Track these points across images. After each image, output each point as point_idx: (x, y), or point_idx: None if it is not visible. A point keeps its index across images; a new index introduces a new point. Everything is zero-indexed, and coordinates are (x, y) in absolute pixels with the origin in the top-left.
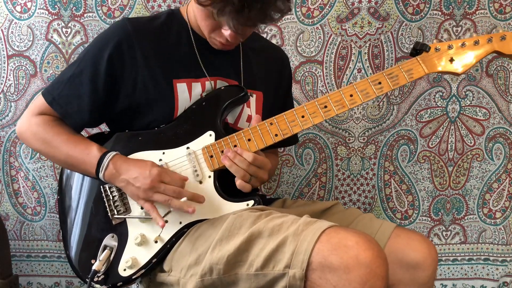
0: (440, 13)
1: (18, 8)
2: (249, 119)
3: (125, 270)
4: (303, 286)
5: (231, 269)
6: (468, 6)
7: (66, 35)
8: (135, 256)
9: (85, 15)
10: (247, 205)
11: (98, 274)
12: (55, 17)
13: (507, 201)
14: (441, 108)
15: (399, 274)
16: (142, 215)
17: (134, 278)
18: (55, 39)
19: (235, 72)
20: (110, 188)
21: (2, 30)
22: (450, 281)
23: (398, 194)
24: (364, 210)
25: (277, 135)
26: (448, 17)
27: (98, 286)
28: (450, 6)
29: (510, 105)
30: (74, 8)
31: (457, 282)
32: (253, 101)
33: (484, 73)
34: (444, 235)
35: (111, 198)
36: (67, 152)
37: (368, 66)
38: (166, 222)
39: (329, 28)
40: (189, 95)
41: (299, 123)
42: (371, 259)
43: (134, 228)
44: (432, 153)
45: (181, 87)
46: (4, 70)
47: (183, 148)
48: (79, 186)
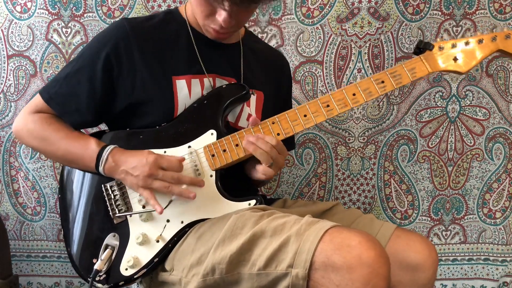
0: (440, 13)
1: (18, 8)
2: (249, 118)
3: (126, 269)
4: (306, 286)
5: (234, 268)
6: (468, 6)
7: (66, 35)
8: (137, 255)
9: (85, 15)
10: (249, 204)
11: (100, 274)
12: (55, 17)
13: (507, 201)
14: (441, 108)
15: (399, 275)
16: (144, 214)
17: (136, 277)
18: (55, 39)
19: (235, 70)
20: (111, 187)
21: (2, 30)
22: (450, 281)
23: (398, 194)
24: (364, 210)
25: (279, 134)
26: (448, 17)
27: (100, 285)
28: (450, 6)
29: (510, 105)
30: (74, 8)
31: (457, 282)
32: (253, 100)
33: (484, 73)
34: (444, 235)
35: (112, 197)
36: (66, 148)
37: (368, 66)
38: (167, 207)
39: (329, 28)
40: (188, 92)
41: (302, 122)
42: (374, 259)
43: (136, 227)
44: (432, 153)
45: (180, 84)
46: (4, 70)
47: (185, 147)
48: (80, 185)
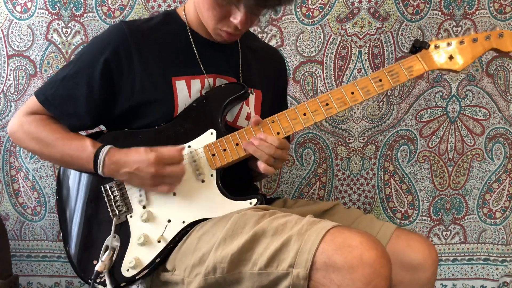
0: (440, 13)
1: (18, 8)
2: (248, 117)
3: (128, 270)
4: (307, 286)
5: (235, 268)
6: (468, 6)
7: (66, 35)
8: (138, 256)
9: (85, 15)
10: (250, 203)
11: (101, 275)
12: (55, 17)
13: (507, 201)
14: (441, 108)
15: (400, 275)
16: (145, 215)
17: (137, 278)
18: (55, 39)
19: (234, 69)
20: (111, 187)
21: (2, 30)
22: (450, 281)
23: (398, 194)
24: (364, 210)
25: (279, 133)
26: (448, 17)
27: (100, 287)
28: (450, 6)
29: (510, 105)
30: (74, 8)
31: (457, 282)
32: (252, 99)
33: (484, 73)
34: (444, 235)
35: (112, 197)
36: (62, 149)
37: (368, 66)
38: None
39: (329, 28)
40: (188, 93)
41: (301, 121)
42: (375, 259)
43: (137, 227)
44: (432, 153)
45: (180, 85)
46: (4, 70)
47: (185, 146)
48: (79, 186)
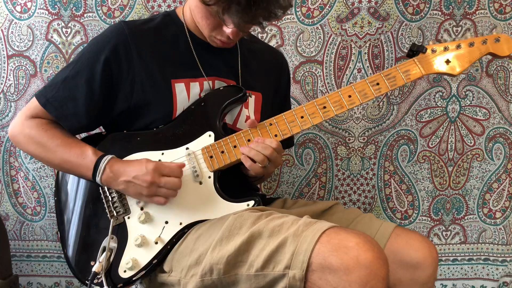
0: (440, 13)
1: (18, 8)
2: (247, 120)
3: (125, 271)
4: (303, 287)
5: (231, 269)
6: (468, 6)
7: (66, 35)
8: (135, 257)
9: (85, 15)
10: (248, 205)
11: (98, 276)
12: (55, 17)
13: (507, 201)
14: (441, 108)
15: (399, 273)
16: (142, 216)
17: (134, 279)
18: (55, 39)
19: (233, 72)
20: (109, 189)
21: (2, 30)
22: (450, 281)
23: (398, 194)
24: (364, 210)
25: (276, 136)
26: (448, 17)
27: None
28: (450, 6)
29: (510, 105)
30: (74, 8)
31: (457, 282)
32: (251, 102)
33: (484, 73)
34: (444, 235)
35: (110, 199)
36: (62, 156)
37: (368, 66)
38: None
39: (329, 28)
40: (187, 95)
41: (299, 124)
42: (372, 260)
43: (134, 229)
44: (432, 153)
45: (179, 87)
46: (4, 70)
47: (183, 148)
48: (77, 188)
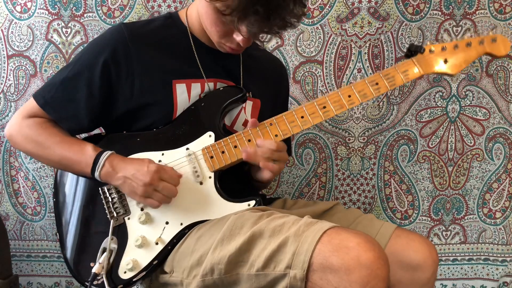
0: (440, 13)
1: (18, 8)
2: (245, 124)
3: (125, 272)
4: (304, 287)
5: (232, 269)
6: (468, 6)
7: (66, 35)
8: (136, 258)
9: (85, 15)
10: (248, 205)
11: (98, 277)
12: (55, 17)
13: (507, 201)
14: (441, 108)
15: (399, 274)
16: (143, 217)
17: (135, 280)
18: (55, 39)
19: (234, 76)
20: (109, 190)
21: (2, 30)
22: (450, 281)
23: (398, 194)
24: (364, 210)
25: (277, 136)
26: (448, 17)
27: None
28: (450, 6)
29: (510, 105)
30: (74, 8)
31: (457, 282)
32: (249, 106)
33: (484, 73)
34: (444, 235)
35: (110, 200)
36: (61, 153)
37: (368, 66)
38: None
39: (329, 28)
40: (188, 96)
41: (299, 124)
42: (372, 261)
43: (135, 229)
44: (432, 153)
45: (180, 88)
46: (4, 70)
47: (183, 149)
48: (76, 189)
